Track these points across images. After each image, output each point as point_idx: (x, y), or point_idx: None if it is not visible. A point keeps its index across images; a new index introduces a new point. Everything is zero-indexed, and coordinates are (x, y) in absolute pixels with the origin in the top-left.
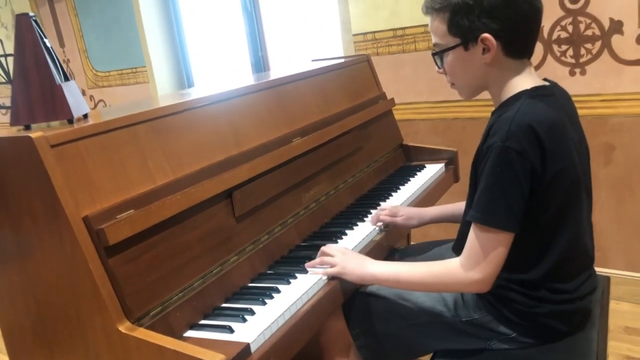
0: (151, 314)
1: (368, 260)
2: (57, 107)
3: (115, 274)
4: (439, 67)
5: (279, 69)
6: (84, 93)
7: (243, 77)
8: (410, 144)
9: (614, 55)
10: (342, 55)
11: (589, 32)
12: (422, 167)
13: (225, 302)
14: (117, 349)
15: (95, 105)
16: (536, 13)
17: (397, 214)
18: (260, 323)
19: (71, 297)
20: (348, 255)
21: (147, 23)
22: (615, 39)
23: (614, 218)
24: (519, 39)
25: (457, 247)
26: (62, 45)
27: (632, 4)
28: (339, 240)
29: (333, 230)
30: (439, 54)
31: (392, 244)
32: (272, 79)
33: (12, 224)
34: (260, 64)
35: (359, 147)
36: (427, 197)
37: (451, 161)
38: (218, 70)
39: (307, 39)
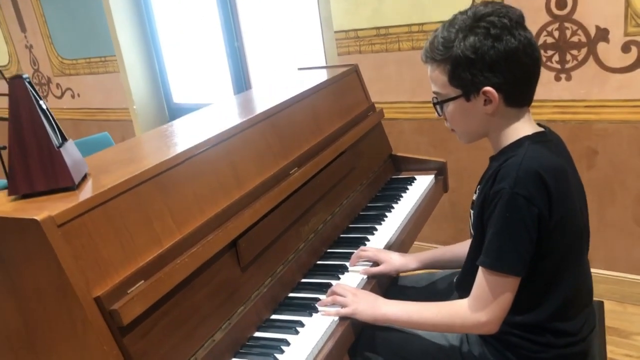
0: None
1: (380, 300)
2: (57, 174)
3: (130, 352)
4: (439, 115)
5: (266, 82)
6: (50, 81)
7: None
8: (399, 154)
9: (600, 62)
10: (324, 51)
11: (575, 39)
12: (412, 180)
13: (235, 357)
14: None
15: (63, 94)
16: (536, 64)
17: (379, 261)
18: None
19: None
20: (359, 296)
21: (116, 11)
22: (601, 47)
23: (596, 220)
24: (520, 90)
25: (461, 283)
26: (23, 30)
27: (619, 12)
28: (340, 276)
29: (333, 263)
30: (440, 103)
31: (392, 277)
32: (267, 108)
33: (18, 303)
34: (236, 54)
35: (353, 168)
36: (421, 215)
37: (440, 171)
38: (191, 63)
39: (285, 32)
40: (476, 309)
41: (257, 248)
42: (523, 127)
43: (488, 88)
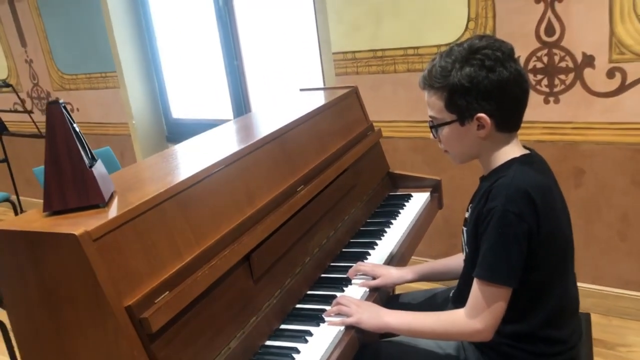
0: None
1: (382, 310)
2: (89, 192)
3: (158, 358)
4: (434, 137)
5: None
6: (49, 95)
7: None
8: (396, 172)
9: (586, 87)
10: (321, 71)
11: (562, 64)
12: (409, 196)
13: None
14: None
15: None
16: (525, 94)
17: (376, 275)
18: None
19: None
20: (363, 306)
21: (117, 28)
22: (587, 72)
23: (583, 236)
24: (510, 117)
25: (457, 297)
26: (23, 44)
27: (604, 40)
28: (345, 289)
29: (337, 276)
30: (435, 127)
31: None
32: (275, 129)
33: (51, 313)
34: (235, 72)
35: (354, 185)
36: (419, 230)
37: (435, 189)
38: (191, 79)
39: (283, 51)
40: (472, 318)
41: (268, 261)
42: (512, 150)
43: (481, 114)
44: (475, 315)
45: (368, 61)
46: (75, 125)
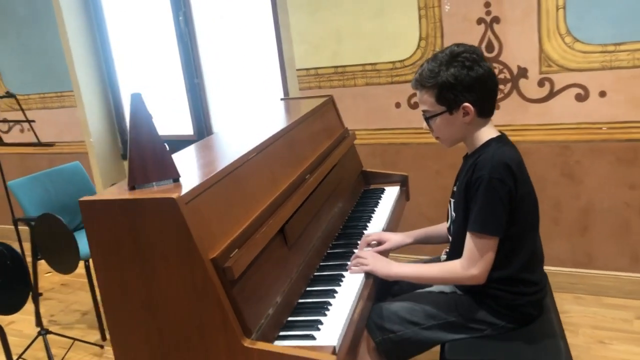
0: (256, 330)
1: (393, 263)
2: (166, 170)
3: (237, 300)
4: (427, 127)
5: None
6: None
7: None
8: (368, 169)
9: (521, 95)
10: (283, 87)
11: (501, 76)
12: (382, 190)
13: (292, 315)
14: None
15: (10, 128)
16: (497, 86)
17: (382, 240)
18: (334, 327)
19: (196, 323)
20: (377, 258)
21: (75, 48)
22: (522, 82)
23: None
24: (488, 104)
25: (451, 255)
26: None
27: (535, 56)
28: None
29: (342, 251)
30: (429, 118)
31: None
32: (284, 127)
33: (142, 268)
34: (195, 90)
35: (342, 178)
36: (395, 216)
37: (403, 183)
38: (150, 97)
39: (244, 68)
40: (468, 266)
41: (297, 232)
42: (489, 132)
43: (466, 104)
44: (471, 264)
45: (330, 76)
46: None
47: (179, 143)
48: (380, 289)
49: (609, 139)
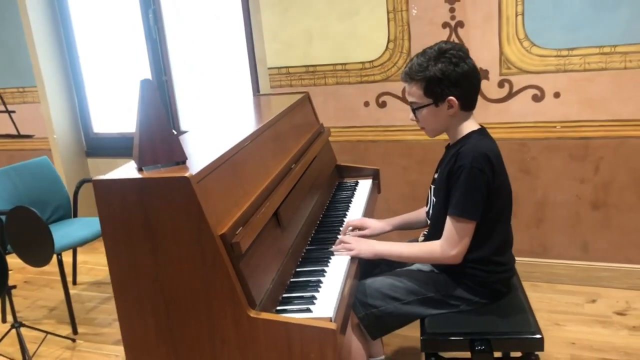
0: (258, 302)
1: (376, 243)
2: (174, 152)
3: (244, 274)
4: (414, 118)
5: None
6: None
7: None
8: (342, 164)
9: (483, 95)
10: (253, 85)
11: None
12: (356, 183)
13: (286, 293)
14: (245, 330)
15: None
16: (479, 82)
17: (364, 226)
18: (328, 302)
19: (203, 296)
20: (360, 241)
21: (39, 43)
22: (484, 83)
23: None
24: (471, 99)
25: (430, 237)
26: None
27: (495, 58)
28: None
29: (325, 236)
30: (416, 109)
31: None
32: (269, 120)
33: (152, 244)
34: (164, 88)
35: (321, 170)
36: (370, 207)
37: (375, 176)
38: (116, 95)
39: (212, 66)
40: (447, 247)
41: (289, 216)
42: (471, 125)
43: (451, 97)
44: (449, 245)
45: (301, 75)
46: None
47: None
48: (363, 270)
49: (562, 136)
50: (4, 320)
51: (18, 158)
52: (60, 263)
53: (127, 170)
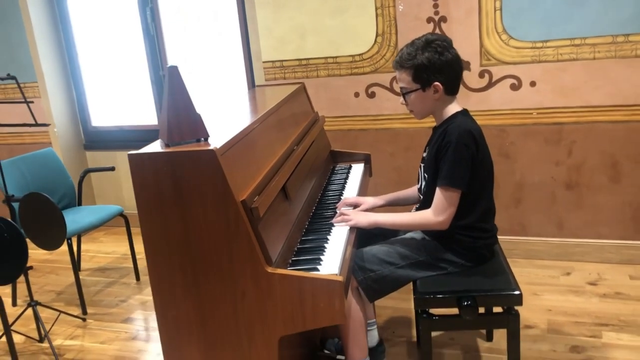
0: (273, 261)
1: (371, 213)
2: (198, 130)
3: (262, 235)
4: (403, 102)
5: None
6: None
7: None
8: (336, 149)
9: (465, 85)
10: (248, 78)
11: None
12: (350, 166)
13: (294, 256)
14: (263, 285)
15: None
16: (462, 70)
17: (359, 203)
18: (332, 263)
19: (226, 254)
20: (357, 212)
21: (40, 40)
22: (465, 74)
23: None
24: (455, 84)
25: (421, 207)
26: None
27: (476, 50)
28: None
29: (325, 212)
30: (406, 94)
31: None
32: (273, 105)
33: (181, 210)
34: (160, 83)
35: (318, 154)
36: (363, 188)
37: (367, 161)
38: (114, 89)
39: (208, 60)
40: (437, 214)
41: (295, 189)
42: (454, 107)
43: (437, 83)
44: (439, 212)
45: (294, 68)
46: None
47: (144, 133)
48: (360, 240)
49: (538, 122)
50: (14, 304)
51: (18, 151)
52: (70, 247)
53: (156, 146)
